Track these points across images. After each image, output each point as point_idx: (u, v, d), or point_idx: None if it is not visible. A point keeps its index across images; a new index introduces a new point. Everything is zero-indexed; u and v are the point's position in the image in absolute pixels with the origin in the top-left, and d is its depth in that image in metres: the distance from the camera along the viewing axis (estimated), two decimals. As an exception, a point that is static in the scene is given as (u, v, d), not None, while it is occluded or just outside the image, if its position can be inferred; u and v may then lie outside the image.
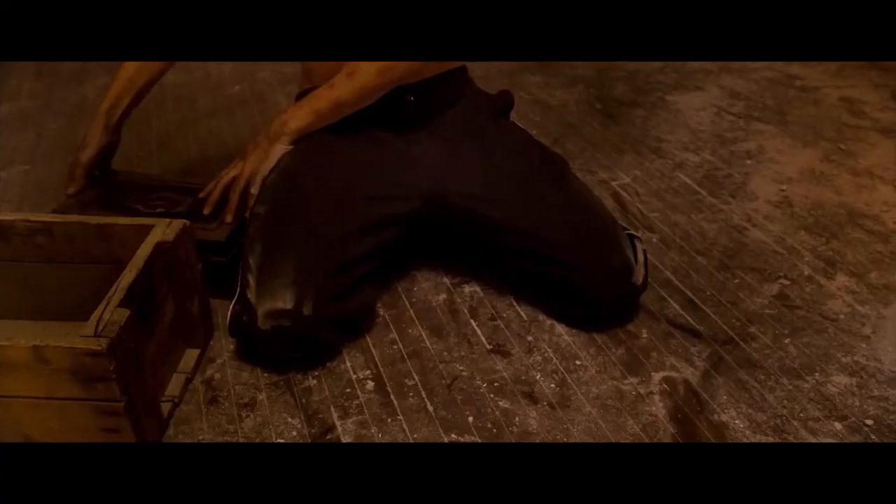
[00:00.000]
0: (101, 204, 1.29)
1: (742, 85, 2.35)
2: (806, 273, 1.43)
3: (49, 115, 2.03)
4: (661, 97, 2.23)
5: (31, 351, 0.88)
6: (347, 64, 1.17)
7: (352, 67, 1.16)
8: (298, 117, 1.19)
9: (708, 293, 1.36)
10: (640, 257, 1.24)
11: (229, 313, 1.13)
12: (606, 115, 2.09)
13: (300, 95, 1.38)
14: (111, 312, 0.92)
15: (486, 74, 2.33)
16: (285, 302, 1.06)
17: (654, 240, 1.52)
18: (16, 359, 0.89)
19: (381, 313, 1.30)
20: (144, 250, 1.02)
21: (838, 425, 1.07)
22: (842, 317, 1.31)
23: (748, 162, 1.86)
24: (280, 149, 1.20)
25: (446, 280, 1.38)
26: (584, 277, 1.17)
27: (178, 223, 1.07)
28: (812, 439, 1.05)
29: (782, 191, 1.73)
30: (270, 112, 2.04)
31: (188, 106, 2.08)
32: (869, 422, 1.08)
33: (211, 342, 1.21)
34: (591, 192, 1.34)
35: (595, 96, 2.22)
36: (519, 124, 1.53)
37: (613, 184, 1.72)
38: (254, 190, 1.21)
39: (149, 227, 1.07)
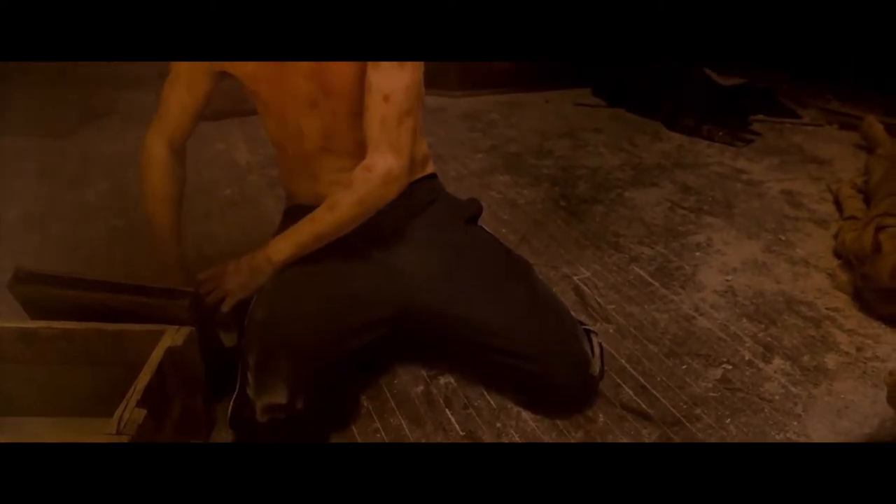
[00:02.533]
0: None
1: (693, 180, 2.57)
2: (746, 358, 1.59)
3: (52, 219, 2.18)
4: (620, 193, 2.43)
5: (60, 448, 1.01)
6: (329, 197, 1.33)
7: (332, 201, 1.32)
8: (281, 251, 1.35)
9: (658, 379, 1.52)
10: (597, 350, 1.40)
11: (230, 407, 1.26)
12: (570, 213, 2.28)
13: (287, 212, 1.55)
14: (130, 412, 1.05)
15: (459, 175, 2.54)
16: (281, 397, 1.20)
17: (611, 330, 1.68)
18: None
19: (365, 404, 1.44)
20: (157, 354, 1.17)
21: (770, 497, 1.22)
22: (777, 397, 1.46)
23: (697, 254, 2.04)
24: (262, 279, 1.35)
25: (423, 372, 1.52)
26: (547, 369, 1.33)
27: (185, 329, 1.22)
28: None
29: (727, 281, 1.91)
30: (261, 216, 2.21)
31: (185, 209, 2.24)
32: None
33: (212, 433, 1.34)
34: (552, 291, 1.50)
35: (560, 194, 2.41)
36: (490, 224, 1.71)
37: (575, 278, 1.89)
38: (224, 308, 1.35)
39: (160, 333, 1.21)
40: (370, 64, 1.29)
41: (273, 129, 1.48)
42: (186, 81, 1.42)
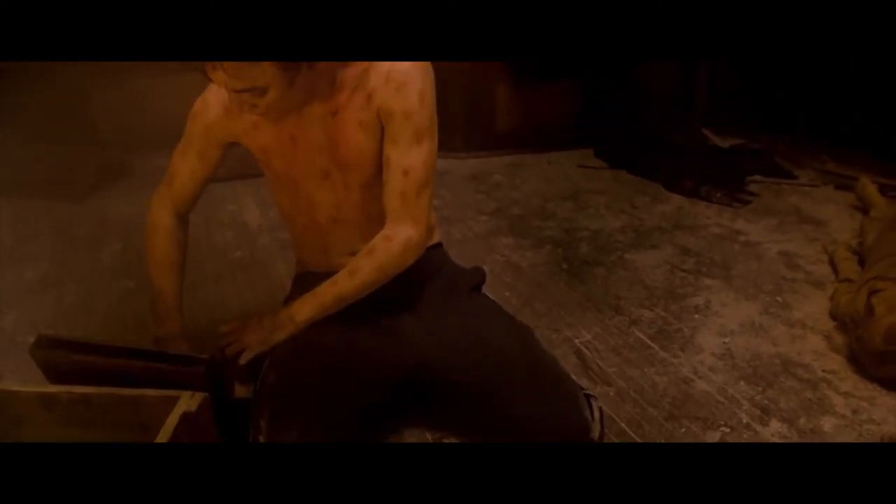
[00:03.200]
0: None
1: (693, 241, 2.63)
2: (744, 421, 1.63)
3: (68, 281, 2.25)
4: (621, 256, 2.49)
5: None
6: (350, 262, 1.40)
7: (354, 266, 1.39)
8: (304, 311, 1.41)
9: (658, 441, 1.55)
10: (597, 414, 1.44)
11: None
12: (572, 275, 2.33)
13: (297, 278, 1.62)
14: (147, 476, 1.10)
15: (464, 237, 2.61)
16: (290, 461, 1.24)
17: (611, 393, 1.72)
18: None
19: (372, 466, 1.48)
20: (173, 419, 1.21)
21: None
22: (774, 461, 1.50)
23: (696, 316, 2.09)
24: (282, 336, 1.41)
25: (428, 435, 1.56)
26: (549, 434, 1.37)
27: (200, 395, 1.27)
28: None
29: (725, 343, 1.95)
30: (271, 280, 2.27)
31: (196, 270, 2.30)
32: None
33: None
34: (553, 357, 1.55)
35: (562, 256, 2.48)
36: (493, 287, 1.77)
37: (576, 341, 1.94)
38: (242, 361, 1.41)
39: (176, 398, 1.26)
40: (388, 140, 1.36)
41: (284, 200, 1.55)
42: (199, 150, 1.49)
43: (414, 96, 1.34)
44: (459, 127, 3.56)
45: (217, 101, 1.42)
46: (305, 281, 1.54)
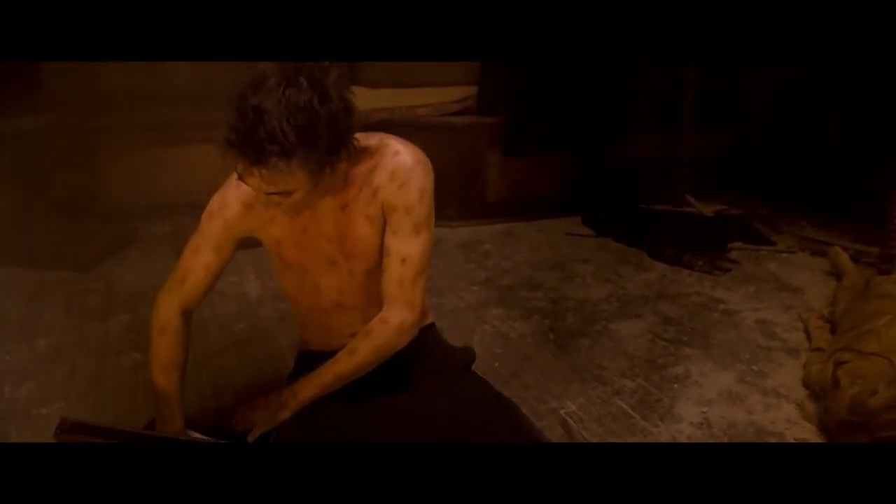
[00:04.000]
0: None
1: (674, 310, 2.76)
2: (719, 489, 1.73)
3: (79, 352, 2.35)
4: (606, 326, 2.61)
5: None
6: (350, 343, 1.52)
7: (352, 347, 1.51)
8: (306, 389, 1.52)
9: (637, 511, 1.65)
10: (578, 484, 1.54)
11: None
12: (558, 346, 2.45)
13: (300, 356, 1.73)
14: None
15: (456, 308, 2.73)
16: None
17: (595, 463, 1.82)
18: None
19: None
20: None
21: None
22: (746, 529, 1.60)
23: (675, 386, 2.21)
24: (286, 414, 1.52)
25: (422, 505, 1.66)
26: None
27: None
28: None
29: (703, 412, 2.07)
30: (273, 352, 2.38)
31: (201, 343, 2.41)
32: None
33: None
34: (537, 429, 1.66)
35: (549, 327, 2.60)
36: (483, 358, 1.90)
37: (562, 412, 2.05)
38: (250, 438, 1.51)
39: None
40: (389, 230, 1.49)
41: (290, 285, 1.67)
42: (215, 245, 1.59)
43: (415, 193, 1.47)
44: (452, 196, 3.70)
45: (235, 198, 1.54)
46: (308, 359, 1.66)
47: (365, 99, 1.44)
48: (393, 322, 1.50)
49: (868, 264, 3.06)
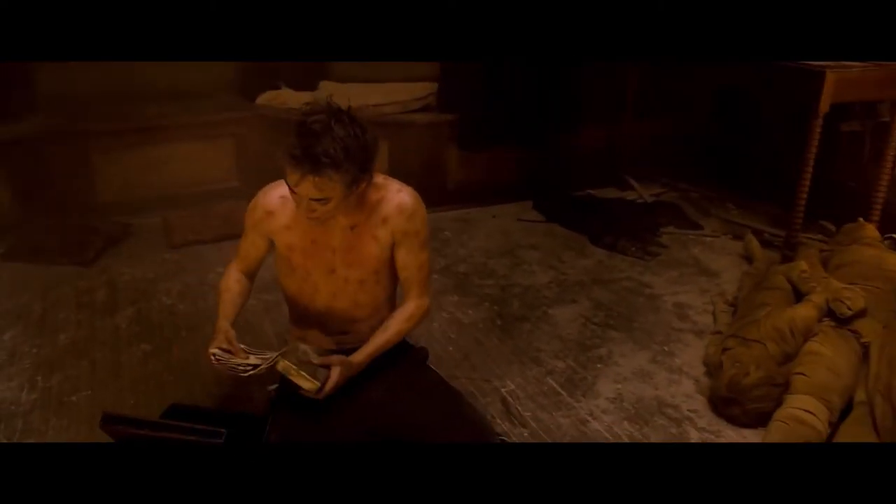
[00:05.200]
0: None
1: (606, 295, 3.21)
2: (622, 453, 2.20)
3: (95, 345, 2.74)
4: (545, 311, 3.06)
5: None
6: (390, 324, 2.02)
7: (394, 322, 2.01)
8: (360, 358, 1.97)
9: (556, 472, 2.11)
10: (508, 454, 2.00)
11: None
12: (503, 331, 2.90)
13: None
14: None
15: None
16: (290, 498, 1.78)
17: (526, 434, 2.28)
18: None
19: (346, 496, 2.02)
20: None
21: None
22: (638, 484, 2.07)
23: (599, 366, 2.66)
24: (354, 374, 1.95)
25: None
26: (471, 470, 1.93)
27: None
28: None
29: (618, 389, 2.53)
30: (260, 342, 2.78)
31: (198, 334, 2.81)
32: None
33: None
34: (477, 411, 2.11)
35: (497, 313, 3.04)
36: (440, 342, 2.34)
37: (503, 391, 2.50)
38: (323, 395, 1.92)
39: (207, 456, 1.79)
40: (404, 250, 2.00)
41: (292, 286, 2.08)
42: (252, 238, 2.05)
43: (419, 221, 1.99)
44: (415, 185, 4.08)
45: (262, 206, 1.98)
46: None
47: (336, 97, 1.85)
48: (424, 307, 2.07)
49: (778, 248, 3.53)
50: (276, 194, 1.96)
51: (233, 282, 2.10)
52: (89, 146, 3.77)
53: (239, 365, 1.92)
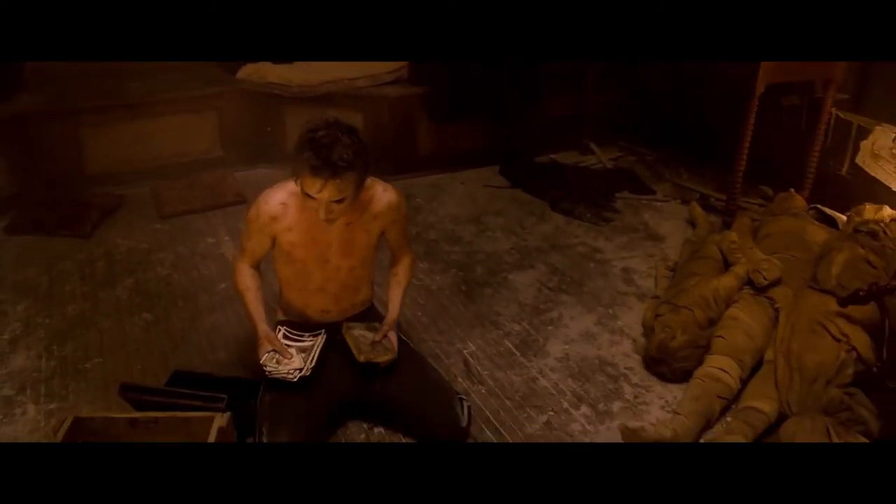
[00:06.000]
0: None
1: (561, 260, 3.55)
2: (564, 406, 2.57)
3: (101, 316, 3.05)
4: (505, 277, 3.40)
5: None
6: (397, 279, 2.51)
7: (401, 277, 2.51)
8: (395, 314, 2.44)
9: (508, 424, 2.48)
10: (466, 410, 2.37)
11: (252, 458, 2.19)
12: (467, 296, 3.24)
13: (281, 322, 2.47)
14: (204, 467, 1.98)
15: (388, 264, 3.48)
16: (282, 452, 2.14)
17: (483, 390, 2.64)
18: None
19: (329, 448, 2.38)
20: (214, 431, 2.08)
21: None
22: (576, 433, 2.45)
23: (549, 328, 3.02)
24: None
25: (364, 426, 2.46)
26: (433, 425, 2.29)
27: (227, 415, 2.13)
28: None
29: (565, 349, 2.89)
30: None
31: (193, 303, 3.13)
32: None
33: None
34: (440, 373, 2.47)
35: (462, 279, 3.38)
36: (410, 307, 2.70)
37: (464, 352, 2.85)
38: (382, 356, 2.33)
39: (212, 418, 2.13)
40: (395, 233, 2.43)
41: (288, 274, 2.39)
42: (256, 237, 2.33)
43: (403, 212, 2.41)
44: (389, 153, 4.37)
45: (265, 213, 2.26)
46: (289, 325, 2.43)
47: (313, 72, 2.07)
48: (412, 258, 2.54)
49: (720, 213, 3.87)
50: (277, 201, 2.25)
51: (249, 278, 2.39)
52: (78, 122, 3.99)
53: (288, 373, 2.25)
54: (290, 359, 2.28)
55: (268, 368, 2.24)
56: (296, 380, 2.23)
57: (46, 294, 3.18)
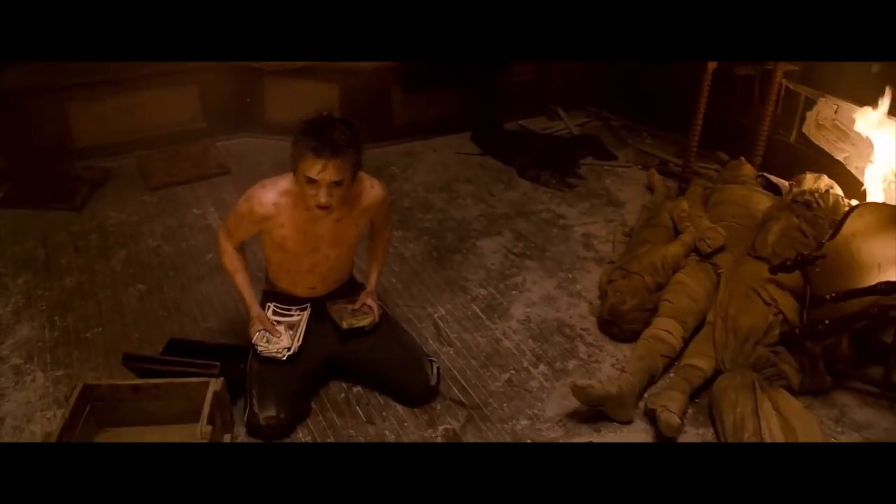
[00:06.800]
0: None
1: (526, 227, 3.80)
2: (525, 365, 2.85)
3: (97, 287, 3.27)
4: (474, 243, 3.65)
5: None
6: (377, 255, 2.74)
7: (382, 257, 2.75)
8: (375, 287, 2.70)
9: (472, 382, 2.76)
10: (435, 370, 2.65)
11: (245, 419, 2.45)
12: (438, 262, 3.49)
13: (267, 293, 2.71)
14: (202, 426, 2.24)
15: (364, 233, 3.72)
16: (272, 412, 2.40)
17: (451, 352, 2.92)
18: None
19: (313, 406, 2.64)
20: (210, 396, 2.34)
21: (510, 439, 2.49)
22: (534, 389, 2.73)
23: (514, 292, 3.29)
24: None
25: (344, 385, 2.73)
26: (404, 384, 2.57)
27: (221, 380, 2.39)
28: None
29: (527, 312, 3.16)
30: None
31: (183, 273, 3.36)
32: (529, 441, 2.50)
33: (234, 429, 2.52)
34: (411, 337, 2.74)
35: (433, 246, 3.62)
36: (386, 274, 2.97)
37: (435, 316, 3.12)
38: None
39: (208, 383, 2.38)
40: (380, 222, 2.66)
41: (279, 259, 2.59)
42: (245, 227, 2.52)
43: (387, 206, 2.64)
44: (365, 122, 4.55)
45: (259, 212, 2.42)
46: (274, 295, 2.67)
47: None
48: (392, 233, 2.77)
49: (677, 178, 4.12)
50: (270, 202, 2.42)
51: (236, 260, 2.61)
52: (64, 97, 4.14)
53: (277, 352, 2.49)
54: (279, 337, 2.53)
55: (259, 347, 2.49)
56: (284, 358, 2.48)
57: (44, 267, 3.39)
